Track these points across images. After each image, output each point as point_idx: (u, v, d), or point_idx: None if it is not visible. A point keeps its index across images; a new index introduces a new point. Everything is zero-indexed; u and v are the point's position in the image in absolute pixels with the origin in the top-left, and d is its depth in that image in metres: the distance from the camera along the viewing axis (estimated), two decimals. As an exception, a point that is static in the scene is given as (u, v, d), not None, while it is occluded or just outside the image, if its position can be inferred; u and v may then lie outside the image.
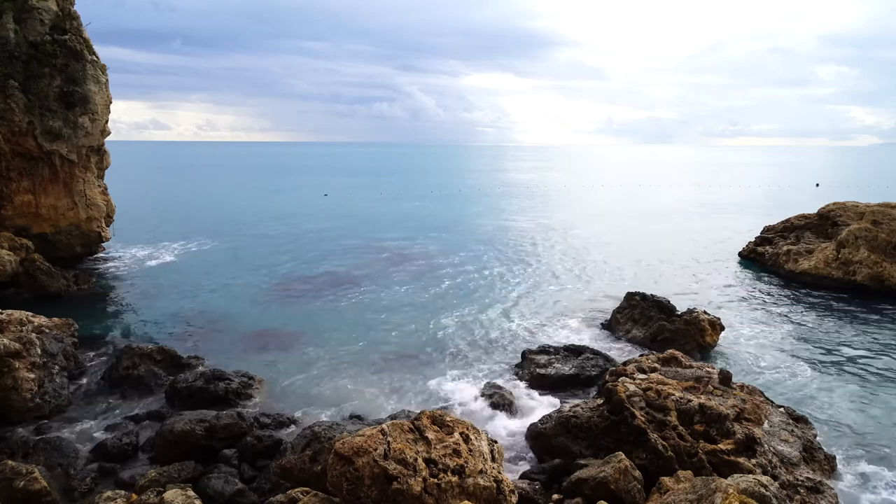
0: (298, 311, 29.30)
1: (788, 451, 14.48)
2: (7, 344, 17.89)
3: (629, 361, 18.61)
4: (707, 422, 14.54)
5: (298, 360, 23.05)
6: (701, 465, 13.60)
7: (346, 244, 47.37)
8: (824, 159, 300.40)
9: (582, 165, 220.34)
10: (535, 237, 51.49)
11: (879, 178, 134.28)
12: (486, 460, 12.04)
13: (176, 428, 15.83)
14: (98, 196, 37.27)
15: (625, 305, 27.06)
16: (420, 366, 22.65)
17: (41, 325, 20.44)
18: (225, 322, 27.49)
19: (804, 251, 36.36)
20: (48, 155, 33.88)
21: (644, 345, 24.18)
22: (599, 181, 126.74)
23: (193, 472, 14.71)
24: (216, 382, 19.34)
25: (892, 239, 32.80)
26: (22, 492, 13.12)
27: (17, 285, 30.66)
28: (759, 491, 10.59)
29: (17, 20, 32.64)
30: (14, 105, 31.83)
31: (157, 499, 12.52)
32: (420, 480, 11.03)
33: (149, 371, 20.45)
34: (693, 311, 24.75)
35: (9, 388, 17.44)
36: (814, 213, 40.37)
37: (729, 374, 16.91)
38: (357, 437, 11.59)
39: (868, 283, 32.11)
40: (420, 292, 32.91)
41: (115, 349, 23.18)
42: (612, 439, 14.91)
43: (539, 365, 21.07)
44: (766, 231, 42.45)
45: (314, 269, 38.45)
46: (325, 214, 66.21)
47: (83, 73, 34.23)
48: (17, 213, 34.03)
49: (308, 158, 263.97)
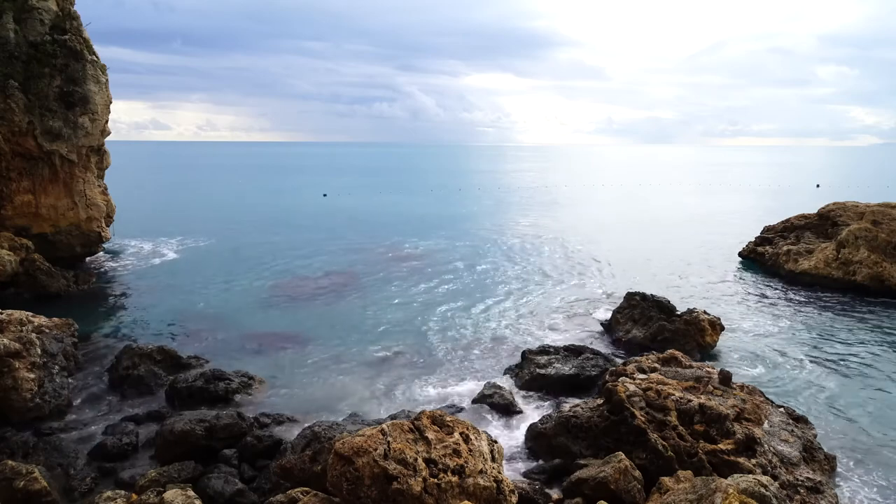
0: (298, 312, 29.30)
1: (788, 451, 14.48)
2: (7, 344, 17.89)
3: (629, 361, 18.60)
4: (707, 422, 14.54)
5: (298, 360, 23.05)
6: (701, 465, 13.60)
7: (346, 244, 47.37)
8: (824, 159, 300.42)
9: (582, 165, 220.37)
10: (534, 237, 51.50)
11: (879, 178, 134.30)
12: (486, 460, 12.04)
13: (176, 428, 15.82)
14: (98, 196, 37.27)
15: (625, 305, 27.06)
16: (420, 365, 22.66)
17: (41, 325, 20.43)
18: (225, 322, 27.49)
19: (804, 251, 36.36)
20: (48, 155, 33.88)
21: (644, 345, 24.15)
22: (599, 181, 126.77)
23: (193, 472, 14.71)
24: (216, 382, 19.34)
25: (892, 239, 32.80)
26: (22, 492, 13.12)
27: (17, 285, 30.67)
28: (759, 491, 10.59)
29: (17, 20, 32.64)
30: (14, 105, 31.82)
31: (157, 499, 12.51)
32: (420, 480, 11.03)
33: (149, 371, 20.45)
34: (693, 311, 24.75)
35: (9, 388, 17.43)
36: (814, 214, 40.38)
37: (729, 374, 16.91)
38: (357, 437, 11.59)
39: (868, 283, 32.11)
40: (420, 292, 32.90)
41: (115, 349, 23.17)
42: (612, 439, 14.91)
43: (539, 365, 21.06)
44: (766, 231, 42.44)
45: (314, 270, 38.45)
46: (324, 214, 66.21)
47: (83, 73, 34.22)
48: (17, 213, 34.03)
49: (308, 158, 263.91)
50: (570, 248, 46.10)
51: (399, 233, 53.18)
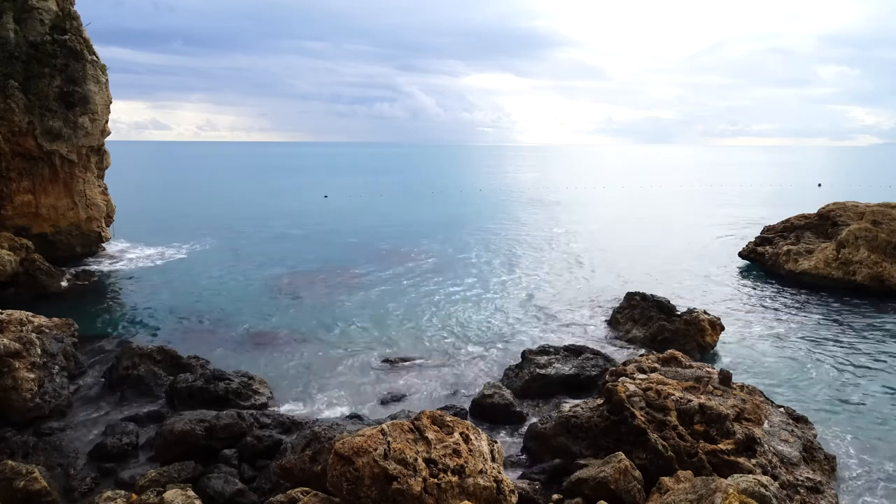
0: (298, 312, 29.30)
1: (788, 451, 14.48)
2: (7, 344, 17.89)
3: (629, 361, 18.60)
4: (707, 422, 14.54)
5: (298, 360, 23.06)
6: (701, 465, 13.60)
7: (346, 244, 47.39)
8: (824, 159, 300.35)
9: (582, 165, 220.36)
10: (534, 237, 51.51)
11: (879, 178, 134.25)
12: (486, 460, 12.04)
13: (176, 428, 15.82)
14: (98, 196, 37.28)
15: (625, 305, 27.07)
16: (420, 365, 22.66)
17: (41, 325, 20.44)
18: (225, 322, 27.49)
19: (804, 251, 36.35)
20: (48, 155, 33.90)
21: (644, 345, 24.16)
22: (599, 181, 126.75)
23: (193, 472, 14.70)
24: (216, 382, 19.32)
25: (892, 239, 32.80)
26: (22, 492, 13.12)
27: (17, 285, 30.66)
28: (759, 491, 10.59)
29: (17, 20, 32.66)
30: (14, 105, 31.84)
31: (157, 499, 12.52)
32: (420, 480, 11.03)
33: (149, 371, 20.44)
34: (693, 311, 24.75)
35: (9, 388, 17.43)
36: (814, 213, 40.37)
37: (729, 374, 16.92)
38: (357, 437, 11.59)
39: (868, 283, 32.11)
40: (420, 292, 32.91)
41: (115, 349, 23.18)
42: (612, 439, 14.91)
43: (539, 365, 21.05)
44: (766, 231, 42.43)
45: (314, 270, 38.45)
46: (324, 215, 66.23)
47: (83, 73, 34.24)
48: (17, 213, 34.04)
49: (308, 158, 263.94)
50: (570, 248, 46.11)
51: (399, 233, 53.19)
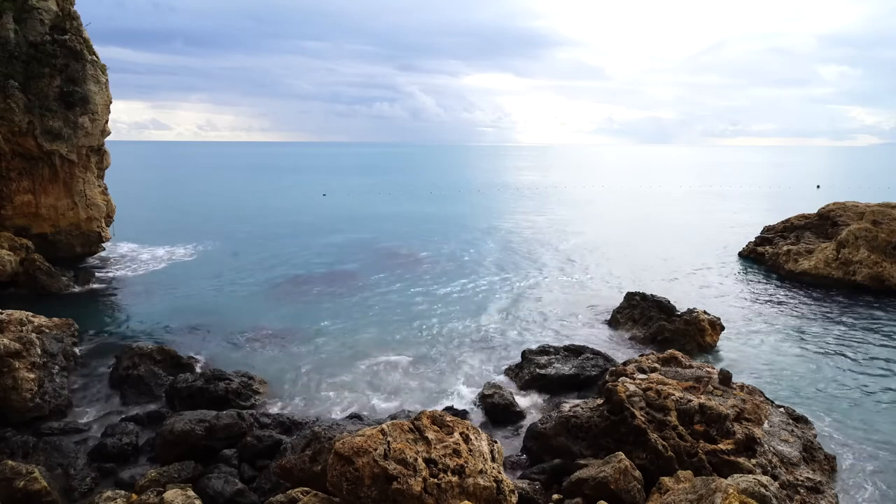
0: (298, 311, 29.29)
1: (788, 451, 14.48)
2: (7, 344, 17.89)
3: (629, 361, 18.61)
4: (707, 422, 14.54)
5: (298, 359, 23.05)
6: (701, 465, 13.60)
7: (345, 244, 47.36)
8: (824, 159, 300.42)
9: (582, 165, 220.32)
10: (534, 237, 51.49)
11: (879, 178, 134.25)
12: (486, 460, 12.04)
13: (176, 428, 15.82)
14: (98, 196, 37.26)
15: (625, 305, 27.08)
16: (420, 365, 22.66)
17: (41, 325, 20.43)
18: (225, 322, 27.47)
19: (804, 251, 36.36)
20: (48, 155, 33.87)
21: (644, 345, 24.18)
22: (599, 181, 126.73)
23: (193, 472, 14.71)
24: (216, 382, 19.33)
25: (892, 239, 32.81)
26: (22, 492, 13.12)
27: (17, 285, 30.68)
28: (759, 491, 10.59)
29: (17, 20, 32.63)
30: (14, 105, 31.82)
31: (157, 499, 12.52)
32: (420, 480, 11.03)
33: (149, 371, 20.44)
34: (693, 311, 24.75)
35: (9, 388, 17.43)
36: (814, 213, 40.41)
37: (729, 374, 16.92)
38: (357, 437, 11.59)
39: (868, 283, 32.12)
40: (420, 292, 32.90)
41: (115, 349, 23.16)
42: (612, 439, 14.91)
43: (539, 365, 21.06)
44: (767, 231, 42.47)
45: (314, 269, 38.45)
46: (324, 214, 66.21)
47: (83, 73, 34.21)
48: (17, 213, 34.02)
49: (308, 158, 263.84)
50: (570, 248, 46.09)
51: (399, 233, 53.17)
